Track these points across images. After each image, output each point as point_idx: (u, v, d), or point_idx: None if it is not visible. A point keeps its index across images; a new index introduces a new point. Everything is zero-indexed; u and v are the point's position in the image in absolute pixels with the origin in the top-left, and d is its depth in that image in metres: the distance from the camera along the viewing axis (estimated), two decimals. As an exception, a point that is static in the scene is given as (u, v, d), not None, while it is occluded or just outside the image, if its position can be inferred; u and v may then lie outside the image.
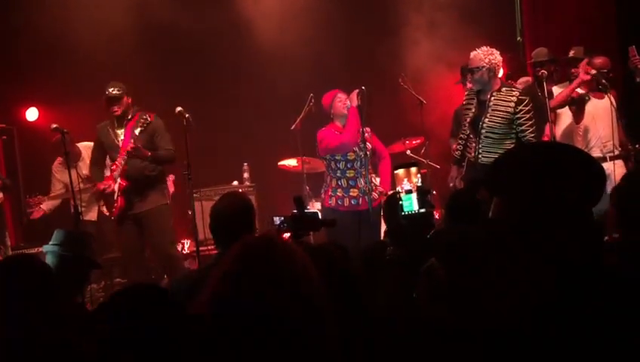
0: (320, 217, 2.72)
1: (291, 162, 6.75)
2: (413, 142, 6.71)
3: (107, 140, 5.43)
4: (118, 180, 5.32)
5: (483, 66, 4.81)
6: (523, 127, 4.78)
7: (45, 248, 3.08)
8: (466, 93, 5.17)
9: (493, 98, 4.83)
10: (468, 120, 4.96)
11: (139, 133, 5.24)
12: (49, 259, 2.96)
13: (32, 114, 7.36)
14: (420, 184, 2.11)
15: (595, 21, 6.93)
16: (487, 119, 4.83)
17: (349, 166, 5.07)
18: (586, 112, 5.36)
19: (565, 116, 5.56)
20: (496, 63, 4.84)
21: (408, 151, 6.88)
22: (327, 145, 5.06)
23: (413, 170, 2.11)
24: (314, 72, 7.02)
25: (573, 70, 5.42)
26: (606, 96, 5.27)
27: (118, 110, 5.35)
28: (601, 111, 5.32)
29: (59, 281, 2.21)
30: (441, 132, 6.46)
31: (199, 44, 7.32)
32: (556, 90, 5.50)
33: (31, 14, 6.98)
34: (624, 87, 5.71)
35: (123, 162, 5.26)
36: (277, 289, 1.39)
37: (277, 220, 2.75)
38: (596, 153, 5.30)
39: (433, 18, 7.08)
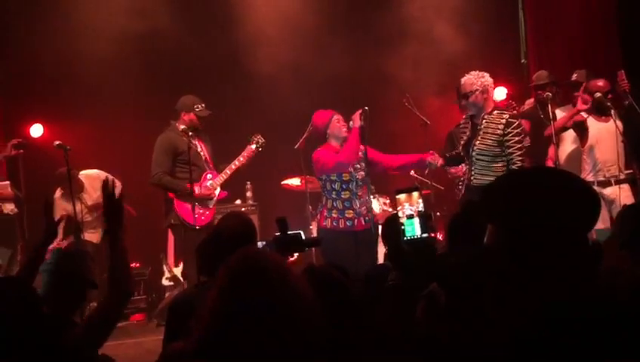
0: (304, 238, 2.71)
1: (294, 181, 6.74)
2: (411, 171, 6.68)
3: (190, 149, 5.46)
4: (219, 190, 5.58)
5: (476, 89, 4.87)
6: (511, 150, 4.79)
7: (41, 267, 3.07)
8: (463, 116, 5.18)
9: (484, 121, 4.88)
10: (462, 143, 5.02)
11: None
12: (44, 278, 2.94)
13: (36, 130, 7.39)
14: (421, 209, 2.09)
15: (599, 43, 6.95)
16: (477, 142, 4.88)
17: (344, 187, 5.02)
18: (590, 135, 5.34)
19: (569, 138, 5.54)
20: (488, 85, 4.90)
21: (412, 172, 6.86)
22: (322, 166, 5.04)
23: (415, 194, 2.09)
24: (318, 92, 7.04)
25: (575, 94, 5.41)
26: (611, 118, 5.26)
27: (202, 126, 5.66)
28: (604, 134, 5.29)
29: (47, 303, 2.20)
30: (444, 153, 6.44)
31: (203, 65, 7.37)
32: (559, 113, 5.50)
33: (35, 32, 7.04)
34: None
35: (230, 172, 5.56)
36: (268, 303, 1.43)
37: (260, 245, 2.75)
38: (600, 177, 5.28)
39: (438, 40, 7.11)
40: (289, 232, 2.59)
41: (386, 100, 6.71)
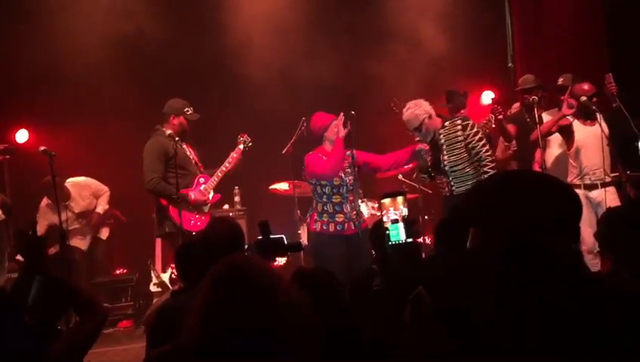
0: (286, 242, 2.70)
1: (283, 186, 6.73)
2: (405, 166, 6.69)
3: (181, 153, 5.41)
4: (212, 193, 5.51)
5: (424, 118, 5.01)
6: (476, 150, 4.99)
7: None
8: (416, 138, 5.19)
9: (441, 136, 5.06)
10: (430, 163, 5.13)
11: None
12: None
13: (21, 136, 7.34)
14: (405, 214, 2.09)
15: (586, 47, 6.99)
16: (445, 156, 5.05)
17: (334, 191, 5.02)
18: (576, 139, 5.37)
19: (556, 142, 5.56)
20: (429, 108, 5.06)
21: (400, 176, 6.88)
22: (312, 171, 5.04)
23: (400, 199, 2.09)
24: (306, 96, 7.03)
25: (561, 97, 5.44)
26: (596, 122, 5.28)
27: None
28: (590, 138, 5.32)
29: (31, 312, 2.17)
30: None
31: (189, 70, 7.35)
32: (545, 116, 5.52)
33: (19, 37, 7.00)
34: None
35: (221, 175, 5.50)
36: (254, 312, 1.44)
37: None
38: (586, 180, 5.30)
39: (425, 44, 7.14)
40: (271, 236, 2.58)
41: (373, 104, 6.72)
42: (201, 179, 5.52)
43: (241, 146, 5.62)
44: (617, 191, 5.37)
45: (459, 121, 5.07)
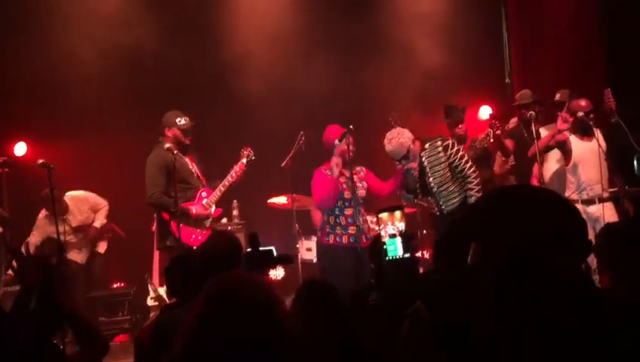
0: (275, 254, 2.71)
1: (281, 200, 6.73)
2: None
3: (182, 167, 5.38)
4: (214, 207, 5.47)
5: (409, 145, 5.08)
6: (460, 167, 5.12)
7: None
8: (397, 161, 5.25)
9: (423, 158, 5.15)
10: (418, 185, 5.19)
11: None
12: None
13: (20, 149, 7.34)
14: (403, 229, 2.09)
15: (583, 62, 7.03)
16: (430, 178, 5.16)
17: (346, 204, 5.10)
18: (573, 155, 5.38)
19: (554, 157, 5.57)
20: (409, 134, 5.13)
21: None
22: (312, 192, 5.20)
23: (397, 214, 2.09)
24: (304, 110, 7.06)
25: (558, 113, 5.47)
26: (594, 138, 5.30)
27: (189, 140, 5.49)
28: (588, 153, 5.33)
29: (27, 326, 2.16)
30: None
31: (188, 83, 7.37)
32: (543, 131, 5.54)
33: (19, 51, 7.02)
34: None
35: (224, 189, 5.45)
36: (246, 332, 1.44)
37: None
38: (584, 196, 5.31)
39: (423, 59, 7.17)
40: (261, 248, 2.57)
41: (372, 117, 6.73)
42: (204, 193, 5.47)
43: (245, 160, 5.58)
44: (615, 206, 5.37)
45: (439, 142, 5.15)
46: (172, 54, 7.09)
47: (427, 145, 5.15)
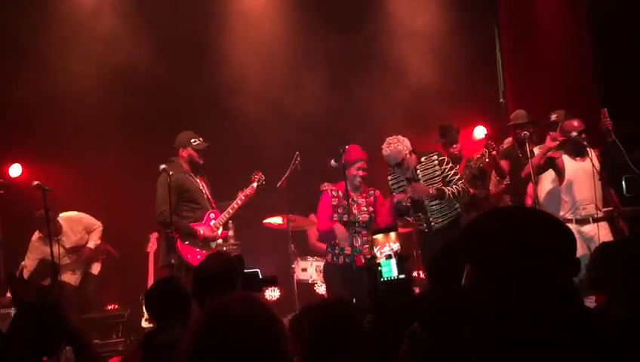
0: (261, 276, 2.72)
1: (276, 220, 6.70)
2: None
3: (192, 186, 5.46)
4: (221, 229, 5.55)
5: (405, 154, 5.13)
6: (452, 183, 5.11)
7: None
8: (390, 178, 5.37)
9: (418, 171, 5.18)
10: (409, 203, 5.18)
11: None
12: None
13: (15, 170, 7.33)
14: (397, 250, 2.09)
15: (576, 82, 7.09)
16: None
17: (346, 226, 5.30)
18: (567, 175, 5.41)
19: (549, 177, 5.59)
20: (408, 144, 5.19)
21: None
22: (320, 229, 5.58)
23: (392, 235, 2.10)
24: (300, 131, 7.07)
25: (551, 133, 5.51)
26: (587, 157, 5.33)
27: (202, 160, 5.54)
28: (580, 173, 5.36)
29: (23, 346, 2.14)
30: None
31: (183, 103, 7.38)
32: (537, 151, 5.56)
33: (14, 73, 7.03)
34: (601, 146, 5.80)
35: (232, 212, 5.53)
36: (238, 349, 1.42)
37: None
38: (578, 215, 5.32)
39: (417, 79, 7.22)
40: (245, 270, 2.58)
41: (368, 137, 6.75)
42: (212, 215, 5.53)
43: (255, 184, 5.64)
44: (610, 226, 5.38)
45: (435, 156, 5.20)
46: (164, 77, 7.12)
47: (423, 159, 5.19)
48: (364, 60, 7.55)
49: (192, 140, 5.51)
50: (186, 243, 5.33)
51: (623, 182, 4.98)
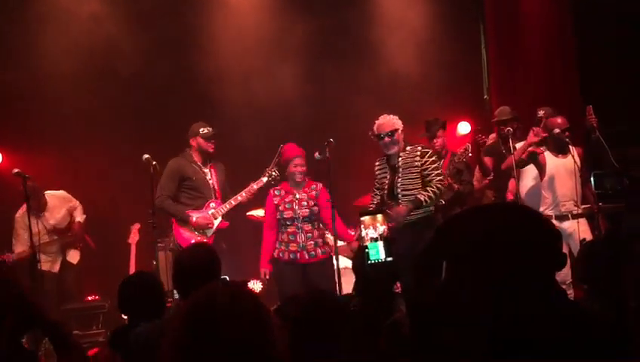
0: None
1: (259, 212, 6.68)
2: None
3: (195, 175, 5.55)
4: (220, 219, 5.55)
5: (397, 128, 5.12)
6: (430, 177, 5.03)
7: None
8: (377, 163, 5.36)
9: (400, 159, 5.13)
10: (386, 188, 5.16)
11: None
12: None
13: (-5, 158, 7.21)
14: (383, 232, 2.09)
15: (559, 81, 7.15)
16: (399, 180, 5.10)
17: (288, 223, 5.35)
18: (548, 171, 5.45)
19: (531, 173, 5.63)
20: (401, 125, 5.16)
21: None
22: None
23: (379, 217, 2.09)
24: (283, 123, 7.06)
25: (534, 128, 5.54)
26: (569, 154, 5.38)
27: (212, 148, 5.62)
28: (561, 169, 5.41)
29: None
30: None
31: (166, 97, 7.33)
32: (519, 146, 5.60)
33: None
34: (585, 144, 5.85)
35: (234, 203, 5.55)
36: (223, 341, 1.42)
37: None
38: (557, 211, 5.37)
39: (402, 75, 7.23)
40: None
41: (352, 132, 6.75)
42: (212, 204, 5.59)
43: (265, 179, 5.60)
44: (589, 222, 5.44)
45: (419, 148, 5.16)
46: (149, 69, 7.07)
47: (408, 148, 5.15)
48: (348, 55, 7.54)
49: (201, 129, 5.61)
50: (183, 228, 5.48)
51: (592, 178, 4.98)
